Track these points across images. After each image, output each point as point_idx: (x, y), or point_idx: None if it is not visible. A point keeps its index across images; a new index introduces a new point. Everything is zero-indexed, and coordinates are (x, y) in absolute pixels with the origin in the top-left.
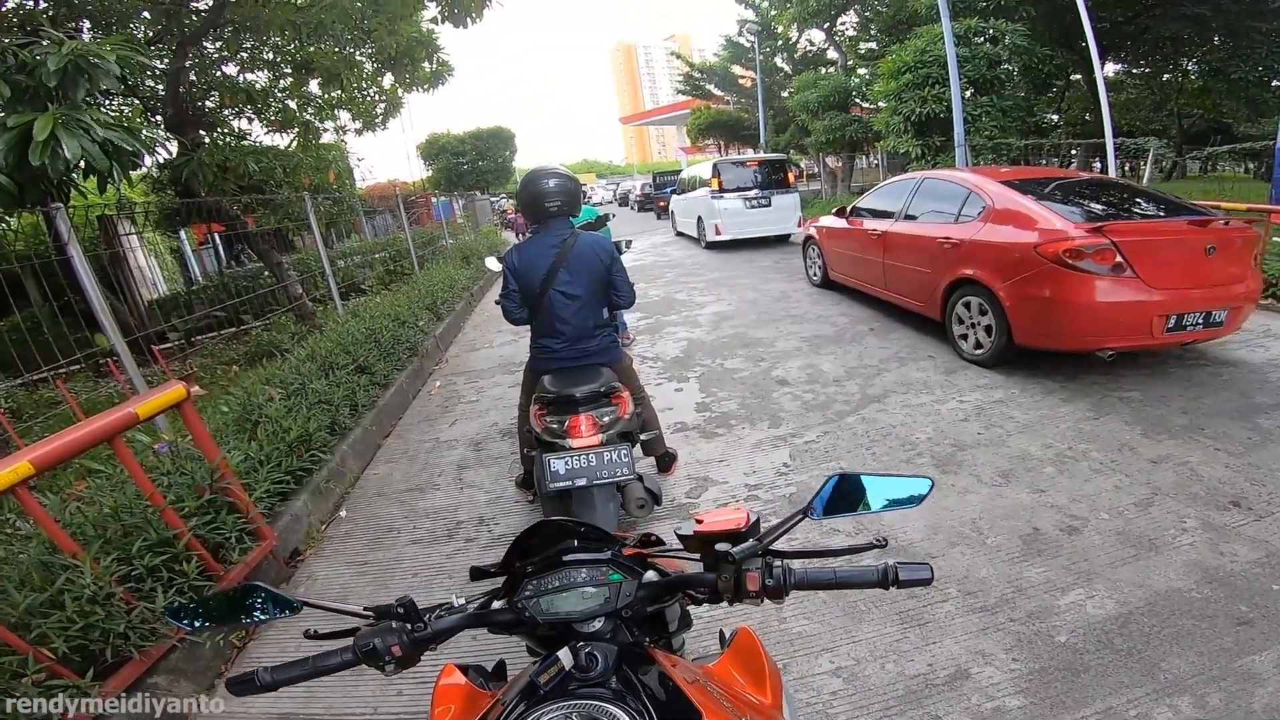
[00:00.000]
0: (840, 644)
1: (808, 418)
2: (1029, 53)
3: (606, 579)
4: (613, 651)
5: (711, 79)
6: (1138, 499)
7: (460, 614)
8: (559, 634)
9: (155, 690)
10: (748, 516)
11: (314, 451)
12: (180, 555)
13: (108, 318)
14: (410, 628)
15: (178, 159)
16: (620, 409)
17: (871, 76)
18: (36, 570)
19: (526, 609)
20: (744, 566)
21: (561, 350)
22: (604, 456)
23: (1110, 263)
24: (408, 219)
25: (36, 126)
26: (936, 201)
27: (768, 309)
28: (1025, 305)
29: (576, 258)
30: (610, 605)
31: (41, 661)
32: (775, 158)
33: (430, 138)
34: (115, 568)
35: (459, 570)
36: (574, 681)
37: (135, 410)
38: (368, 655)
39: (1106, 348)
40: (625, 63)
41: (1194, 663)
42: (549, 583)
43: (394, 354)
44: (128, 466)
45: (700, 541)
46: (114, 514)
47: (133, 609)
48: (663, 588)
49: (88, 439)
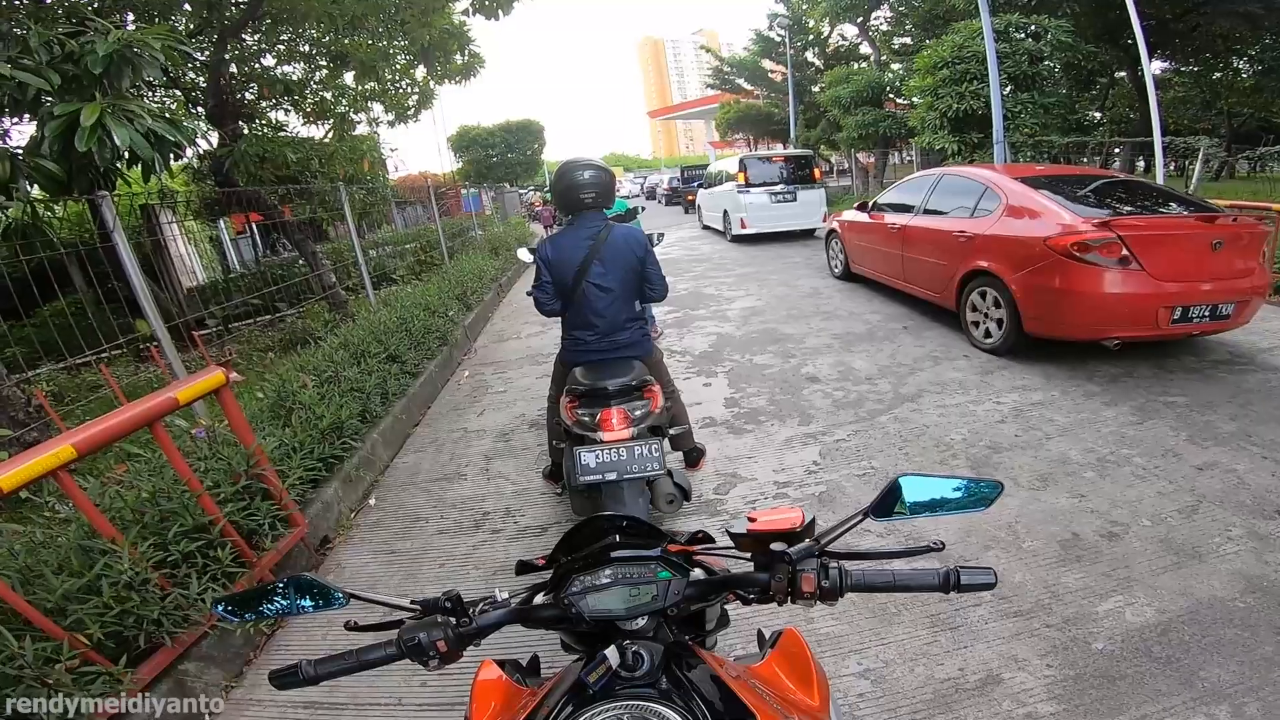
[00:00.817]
0: (869, 646)
1: (838, 416)
2: (1073, 49)
3: (655, 576)
4: (659, 650)
5: (741, 73)
6: (1182, 506)
7: (505, 609)
8: (601, 631)
9: (185, 677)
10: (803, 516)
11: (345, 439)
12: (215, 541)
13: (150, 304)
14: (455, 622)
15: (219, 150)
16: (652, 403)
17: (906, 72)
18: (75, 555)
19: (573, 605)
20: (800, 567)
21: (594, 342)
22: (634, 451)
23: (1117, 255)
24: (438, 210)
25: (84, 114)
26: (954, 197)
27: (797, 305)
28: (1035, 295)
29: (610, 250)
30: (658, 603)
31: (76, 648)
32: (801, 153)
33: (461, 130)
34: (151, 553)
35: (485, 561)
36: (620, 681)
37: (176, 395)
38: (412, 650)
39: (1113, 337)
40: (653, 57)
41: (1234, 672)
42: (596, 579)
43: (424, 343)
44: (167, 452)
45: (753, 541)
46: (152, 499)
47: (167, 595)
48: (712, 586)
49: (129, 423)
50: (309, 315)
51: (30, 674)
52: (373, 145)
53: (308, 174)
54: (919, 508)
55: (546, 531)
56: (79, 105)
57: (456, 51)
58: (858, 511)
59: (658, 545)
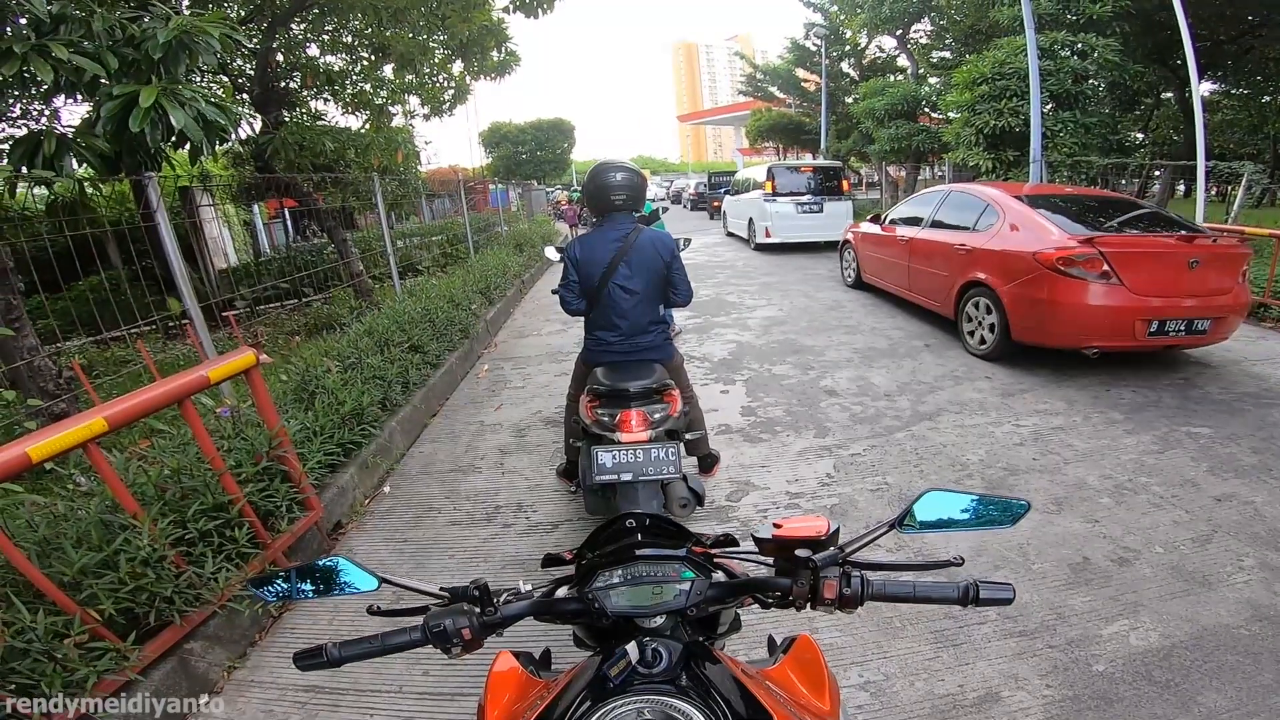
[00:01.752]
0: (871, 658)
1: (855, 430)
2: (1120, 69)
3: (678, 576)
4: (678, 649)
5: (774, 81)
6: (1196, 535)
7: (528, 600)
8: (620, 628)
9: (190, 656)
10: (828, 525)
11: (365, 426)
12: (233, 521)
13: (186, 284)
14: (480, 611)
15: (261, 136)
16: (671, 407)
17: (943, 86)
18: (96, 529)
19: (596, 600)
20: (823, 574)
21: (616, 344)
22: (651, 453)
23: (1098, 270)
24: (466, 204)
25: (141, 95)
26: (959, 212)
27: (820, 317)
28: (1023, 305)
29: (637, 253)
30: (679, 603)
31: (88, 624)
32: (830, 164)
33: (493, 126)
34: (170, 530)
35: (496, 555)
36: (639, 677)
37: (207, 374)
38: (437, 636)
39: (1092, 346)
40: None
41: (1232, 698)
42: (620, 576)
43: (446, 335)
44: (194, 429)
45: (777, 546)
46: (175, 476)
47: (181, 573)
48: (733, 589)
49: (161, 399)
50: (335, 301)
51: (38, 647)
52: (407, 137)
53: (343, 163)
54: (944, 523)
55: (557, 529)
56: (137, 87)
57: (494, 48)
58: (883, 523)
59: (683, 545)
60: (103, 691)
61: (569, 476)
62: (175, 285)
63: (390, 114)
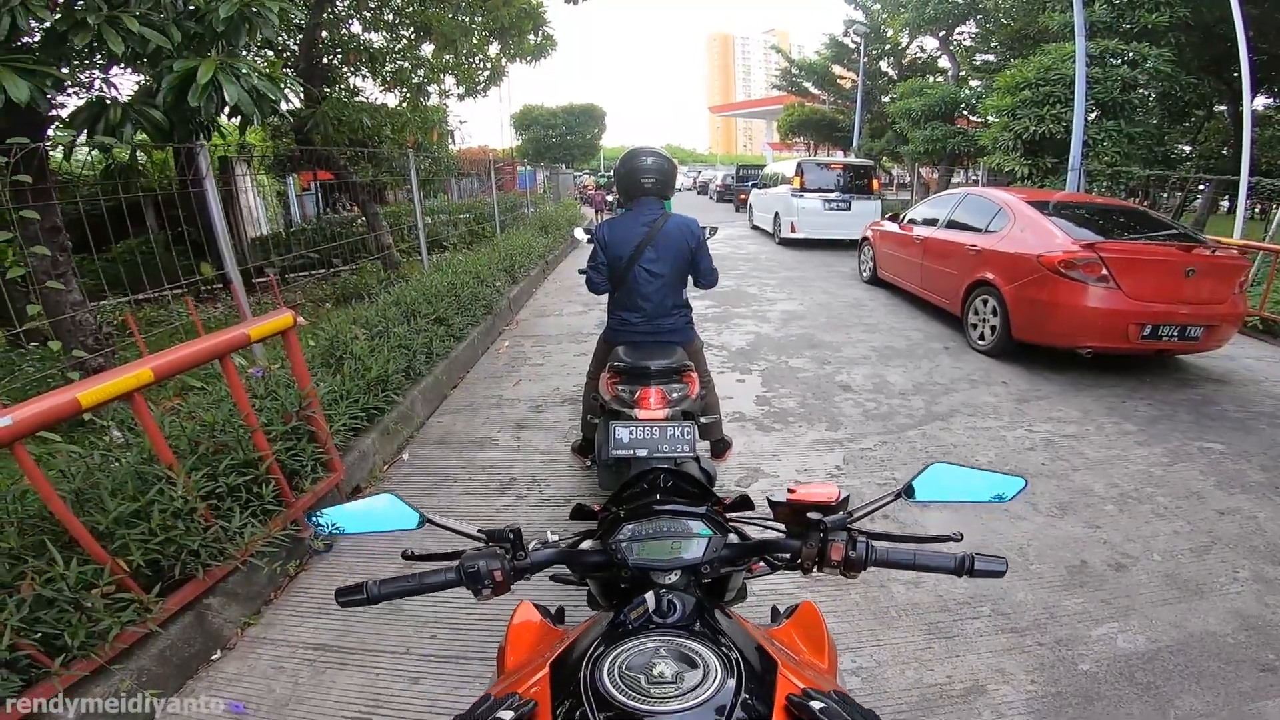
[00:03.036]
0: (865, 645)
1: (867, 425)
2: (1172, 79)
3: (697, 533)
4: (691, 601)
5: (810, 77)
6: (1195, 546)
7: (555, 549)
8: (636, 583)
9: (207, 611)
10: (838, 492)
11: (389, 392)
12: (260, 478)
13: (228, 249)
14: (511, 556)
15: (303, 110)
16: (690, 388)
17: (984, 89)
18: (131, 480)
19: (619, 552)
20: (830, 537)
21: (639, 324)
22: (667, 431)
23: (1096, 274)
24: (495, 184)
25: (201, 69)
26: (973, 214)
27: (840, 314)
28: (1024, 305)
29: (664, 238)
30: (696, 558)
31: (117, 574)
32: (861, 163)
33: (525, 109)
34: (201, 484)
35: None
36: (654, 624)
37: (248, 332)
38: (470, 577)
39: (1086, 346)
40: (721, 53)
41: (1208, 702)
42: (643, 529)
43: (470, 310)
44: (231, 385)
45: (790, 510)
46: (210, 430)
47: (209, 527)
48: (746, 549)
49: (204, 354)
50: (363, 272)
51: (66, 597)
52: (442, 116)
53: (378, 139)
54: (948, 493)
55: (569, 503)
56: (197, 61)
57: (531, 31)
58: (891, 493)
59: (704, 503)
60: (123, 643)
61: (583, 453)
62: (216, 250)
63: (427, 93)
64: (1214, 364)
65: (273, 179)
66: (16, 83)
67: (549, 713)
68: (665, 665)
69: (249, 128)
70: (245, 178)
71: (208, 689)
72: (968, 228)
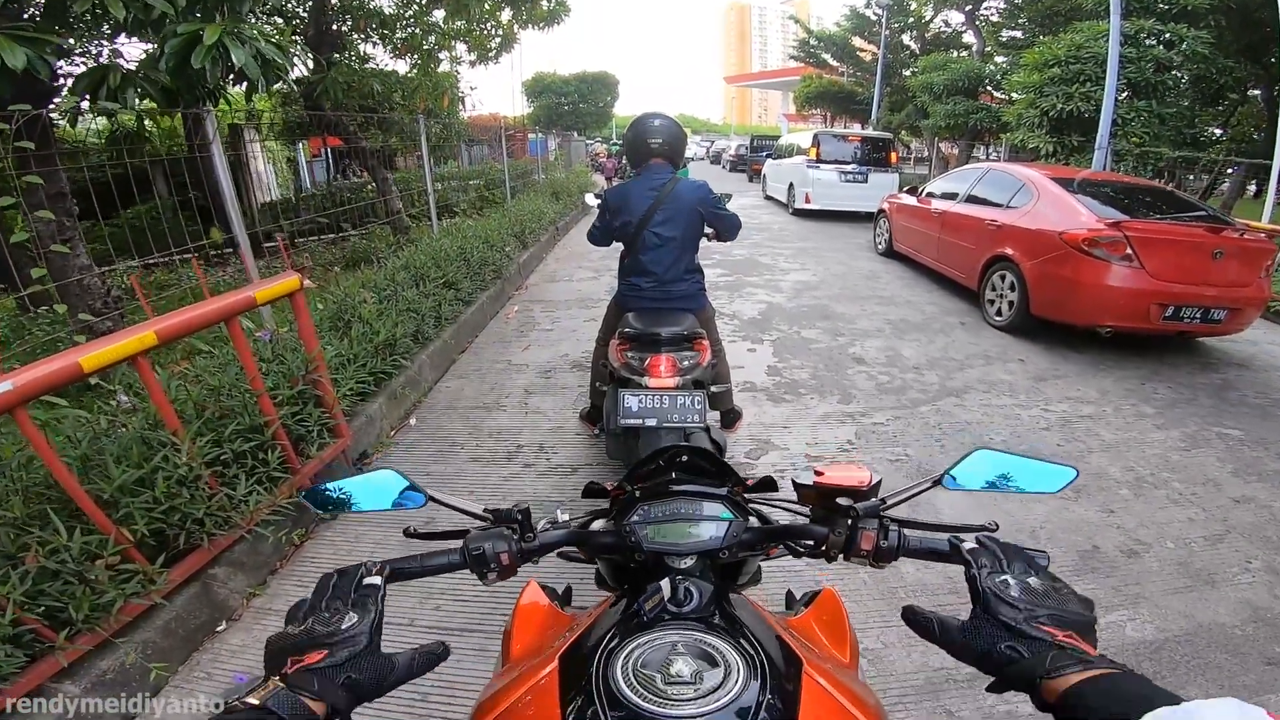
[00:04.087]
0: (872, 626)
1: (880, 399)
2: (1209, 62)
3: (716, 515)
4: (708, 589)
5: (828, 48)
6: (1209, 534)
7: (565, 530)
8: (647, 570)
9: (213, 582)
10: (870, 476)
11: (397, 356)
12: (266, 444)
13: (236, 214)
14: (519, 537)
15: (312, 76)
16: (701, 356)
17: (1010, 66)
18: (136, 446)
19: (633, 534)
20: (861, 525)
21: (650, 290)
22: (677, 400)
23: (1120, 253)
24: (505, 151)
25: (206, 33)
26: (995, 189)
27: (854, 286)
28: (1045, 281)
29: (674, 201)
30: (715, 542)
31: (121, 544)
32: (880, 136)
33: (536, 76)
34: (206, 450)
35: (515, 495)
36: (669, 614)
37: (254, 294)
38: (476, 559)
39: (1106, 325)
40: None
41: (1211, 694)
42: (658, 511)
43: (479, 274)
44: (238, 348)
45: (817, 494)
46: (215, 394)
47: (214, 494)
48: (768, 534)
49: (209, 317)
50: (372, 237)
51: (70, 568)
52: (453, 82)
53: (389, 105)
54: (989, 484)
55: (576, 472)
56: (201, 25)
57: None
58: (926, 479)
59: (724, 484)
60: (127, 616)
61: (591, 420)
62: (224, 215)
63: (438, 59)
64: (1235, 348)
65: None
66: (13, 50)
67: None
68: (683, 663)
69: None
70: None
71: (212, 661)
72: (989, 203)
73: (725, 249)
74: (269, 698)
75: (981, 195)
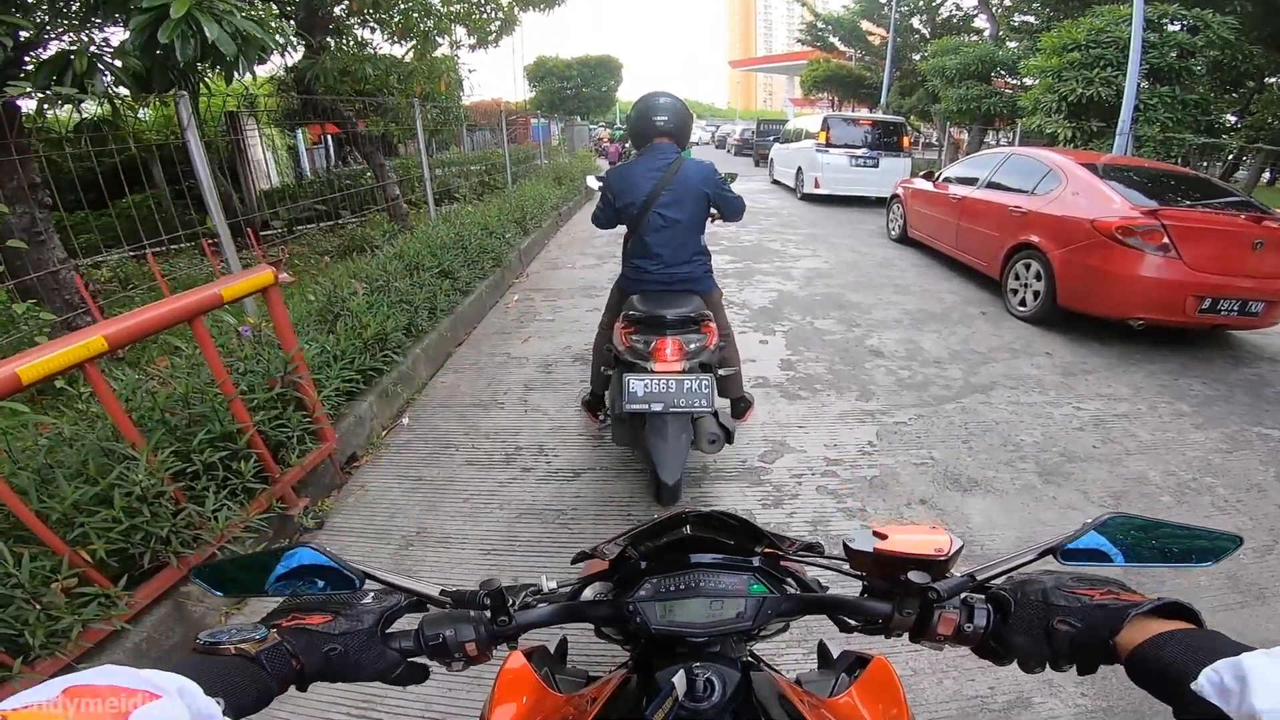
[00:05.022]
0: (900, 650)
1: (901, 396)
2: (1234, 48)
3: (746, 590)
4: (734, 678)
5: (836, 31)
6: (1257, 545)
7: (551, 605)
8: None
9: (186, 600)
10: (950, 541)
11: (388, 351)
12: (240, 453)
13: (214, 199)
14: (491, 619)
15: (303, 62)
16: (708, 338)
17: (1024, 50)
18: (95, 458)
19: (638, 613)
20: (940, 606)
21: (656, 272)
22: (684, 384)
23: (1157, 243)
24: (506, 136)
25: (173, 7)
26: (1018, 175)
27: (868, 274)
28: (1074, 271)
29: (680, 183)
30: (743, 623)
31: (76, 565)
32: (892, 120)
33: (539, 60)
34: (170, 462)
35: (512, 501)
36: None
37: (219, 291)
38: (435, 650)
39: (1139, 317)
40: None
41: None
42: (671, 584)
43: (478, 262)
44: (205, 350)
45: (877, 563)
46: (184, 400)
47: (181, 510)
48: (809, 607)
49: (168, 317)
50: (370, 224)
51: (23, 594)
52: (451, 66)
53: (385, 90)
54: (1123, 553)
55: (579, 477)
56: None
57: None
58: (1038, 548)
59: (753, 551)
60: (89, 640)
61: (593, 409)
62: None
63: (436, 43)
64: (1267, 341)
65: (282, 133)
66: None
67: None
68: None
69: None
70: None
71: None
72: (1012, 189)
73: (733, 234)
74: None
75: (1004, 181)
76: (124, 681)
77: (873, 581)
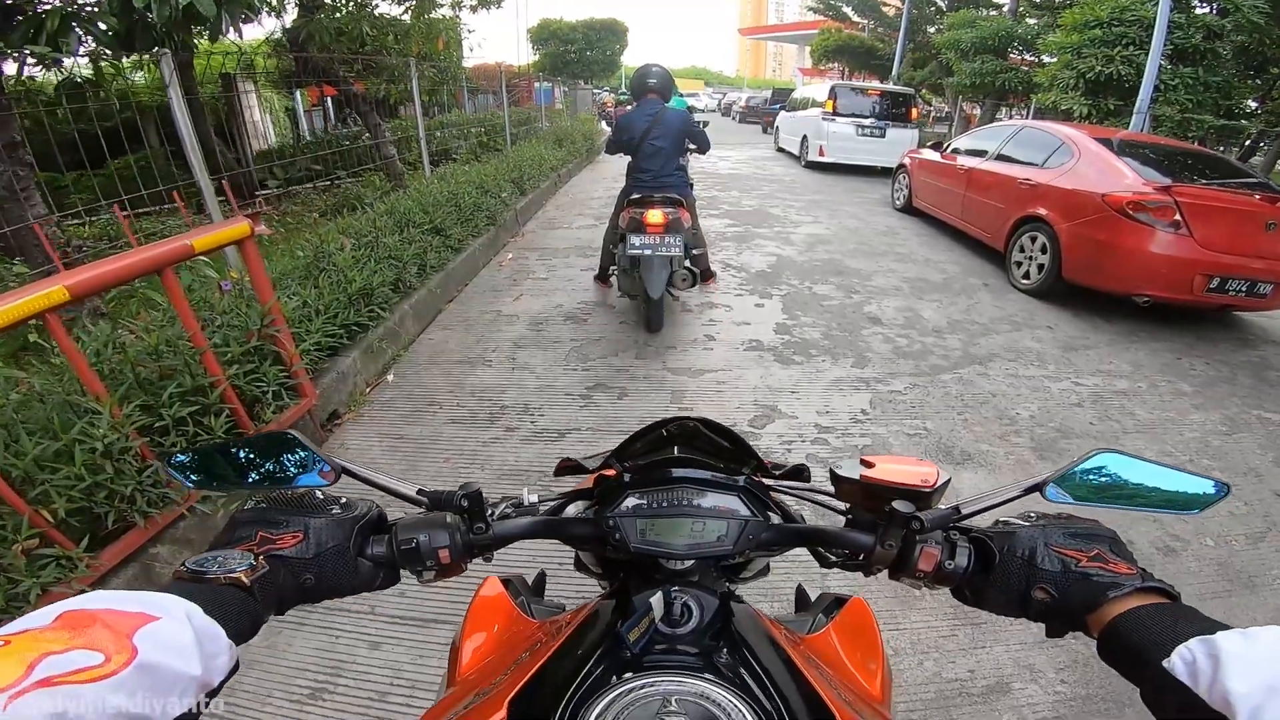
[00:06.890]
0: (882, 629)
1: (897, 364)
2: (1263, 31)
3: (730, 512)
4: (712, 605)
5: (849, 1)
6: (1250, 531)
7: (531, 518)
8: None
9: (154, 563)
10: (937, 473)
11: (374, 306)
12: (212, 407)
13: (196, 157)
14: (468, 527)
15: (296, 20)
16: (682, 212)
17: (1043, 26)
18: (59, 413)
19: (618, 529)
20: (922, 539)
21: (648, 180)
22: (664, 239)
23: (1169, 219)
24: (508, 99)
25: None
26: (1029, 148)
27: (869, 241)
28: (1081, 244)
29: (665, 123)
30: (724, 547)
31: (37, 526)
32: (901, 90)
33: (542, 22)
34: (137, 416)
35: (495, 461)
36: (661, 638)
37: (190, 242)
38: (406, 555)
39: (1144, 294)
40: None
41: None
42: (653, 502)
43: (472, 220)
44: (174, 301)
45: (863, 491)
46: (153, 352)
47: (146, 466)
48: (793, 537)
49: (136, 267)
50: (364, 183)
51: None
52: (450, 26)
53: (385, 50)
54: (1105, 496)
55: (565, 437)
56: None
57: None
58: (1025, 485)
59: (741, 471)
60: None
61: (603, 279)
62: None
63: (436, 3)
64: (1272, 324)
65: (280, 95)
66: None
67: None
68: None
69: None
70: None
71: None
72: (1022, 161)
73: (734, 199)
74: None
75: (1013, 153)
76: (123, 605)
77: (857, 514)
